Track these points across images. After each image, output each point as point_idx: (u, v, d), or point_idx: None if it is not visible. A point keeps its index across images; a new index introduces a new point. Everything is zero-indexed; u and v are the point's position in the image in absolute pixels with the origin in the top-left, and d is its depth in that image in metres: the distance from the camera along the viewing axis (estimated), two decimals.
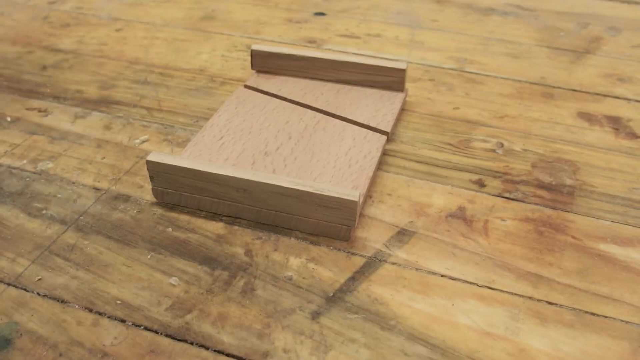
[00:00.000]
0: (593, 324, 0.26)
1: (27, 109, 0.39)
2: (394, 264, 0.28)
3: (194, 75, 0.44)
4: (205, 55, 0.47)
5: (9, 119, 0.38)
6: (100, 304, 0.26)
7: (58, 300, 0.26)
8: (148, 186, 0.32)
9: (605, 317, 0.26)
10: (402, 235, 0.30)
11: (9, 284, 0.27)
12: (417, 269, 0.28)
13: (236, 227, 0.30)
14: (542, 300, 0.27)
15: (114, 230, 0.30)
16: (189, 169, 0.30)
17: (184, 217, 0.31)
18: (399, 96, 0.40)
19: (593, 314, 0.26)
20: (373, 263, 0.28)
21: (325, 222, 0.29)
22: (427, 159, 0.35)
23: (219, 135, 0.35)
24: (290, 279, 0.27)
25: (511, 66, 0.46)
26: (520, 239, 0.30)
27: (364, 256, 0.29)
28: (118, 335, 0.25)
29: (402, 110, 0.40)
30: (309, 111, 0.38)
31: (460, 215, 0.31)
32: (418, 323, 0.25)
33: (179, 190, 0.31)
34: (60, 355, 0.24)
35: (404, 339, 0.25)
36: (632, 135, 0.38)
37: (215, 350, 0.24)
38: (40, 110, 0.39)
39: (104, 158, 0.35)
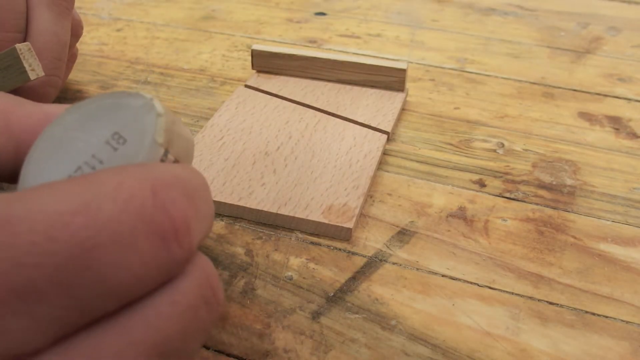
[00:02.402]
0: (594, 324, 0.26)
1: None
2: (394, 263, 0.28)
3: (194, 75, 0.44)
4: (205, 55, 0.47)
5: None
6: None
7: None
8: None
9: (606, 317, 0.26)
10: (403, 235, 0.30)
11: None
12: (417, 269, 0.28)
13: (237, 227, 0.30)
14: (542, 300, 0.27)
15: None
16: None
17: None
18: (400, 96, 0.40)
19: (594, 314, 0.26)
20: (373, 263, 0.28)
21: (325, 222, 0.29)
22: (428, 159, 0.36)
23: (220, 135, 0.35)
24: (291, 278, 0.27)
25: (511, 66, 0.46)
26: (520, 238, 0.30)
27: (364, 256, 0.29)
28: None
29: (403, 110, 0.40)
30: (310, 111, 0.38)
31: (460, 215, 0.31)
32: (419, 323, 0.25)
33: None
34: None
35: (404, 339, 0.25)
36: (633, 135, 0.38)
37: (215, 350, 0.24)
38: None
39: None
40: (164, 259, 0.14)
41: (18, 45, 0.29)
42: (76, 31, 0.38)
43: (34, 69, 0.30)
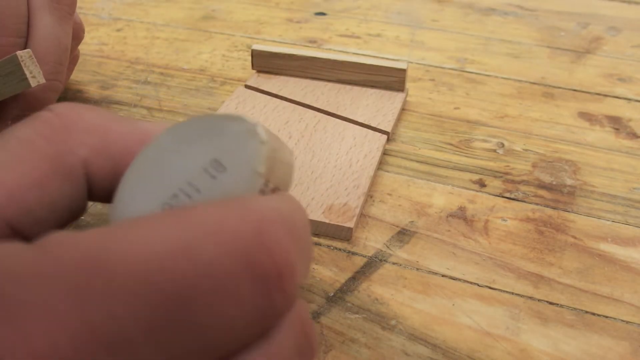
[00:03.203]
0: (594, 324, 0.26)
1: None
2: (394, 263, 0.28)
3: (194, 75, 0.44)
4: (205, 55, 0.47)
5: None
6: None
7: None
8: None
9: (606, 317, 0.26)
10: (403, 235, 0.30)
11: None
12: (417, 269, 0.28)
13: None
14: (542, 300, 0.27)
15: None
16: None
17: None
18: (400, 96, 0.40)
19: (594, 314, 0.26)
20: (373, 263, 0.28)
21: (326, 221, 0.29)
22: (428, 159, 0.36)
23: None
24: None
25: (512, 66, 0.46)
26: (520, 238, 0.30)
27: (364, 256, 0.29)
28: None
29: (403, 110, 0.40)
30: (310, 111, 0.38)
31: (460, 215, 0.31)
32: (419, 323, 0.25)
33: None
34: None
35: (404, 339, 0.25)
36: (633, 135, 0.38)
37: None
38: None
39: None
40: (266, 309, 0.13)
41: (19, 53, 0.29)
42: (77, 34, 0.38)
43: (35, 76, 0.30)
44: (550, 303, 0.26)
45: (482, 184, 0.34)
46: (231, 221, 0.13)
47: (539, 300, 0.27)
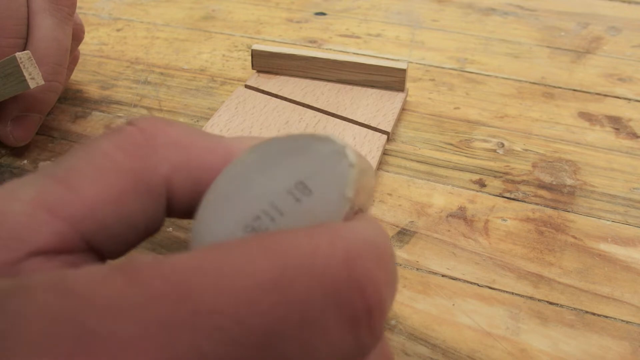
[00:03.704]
0: (594, 324, 0.26)
1: None
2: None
3: (194, 75, 0.44)
4: (205, 55, 0.47)
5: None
6: None
7: None
8: None
9: (606, 317, 0.26)
10: (403, 235, 0.30)
11: None
12: (417, 269, 0.28)
13: None
14: (542, 300, 0.27)
15: None
16: None
17: None
18: (400, 96, 0.40)
19: (594, 314, 0.26)
20: None
21: None
22: (428, 159, 0.36)
23: (220, 135, 0.35)
24: None
25: (512, 66, 0.46)
26: (520, 238, 0.30)
27: None
28: None
29: (403, 110, 0.40)
30: (310, 111, 0.38)
31: (460, 215, 0.31)
32: (419, 323, 0.25)
33: None
34: None
35: (404, 338, 0.25)
36: (633, 135, 0.38)
37: None
38: None
39: None
40: (352, 348, 0.12)
41: (18, 54, 0.29)
42: (77, 35, 0.38)
43: (34, 78, 0.30)
44: (550, 303, 0.26)
45: (482, 184, 0.34)
46: (321, 253, 0.12)
47: (539, 300, 0.27)
